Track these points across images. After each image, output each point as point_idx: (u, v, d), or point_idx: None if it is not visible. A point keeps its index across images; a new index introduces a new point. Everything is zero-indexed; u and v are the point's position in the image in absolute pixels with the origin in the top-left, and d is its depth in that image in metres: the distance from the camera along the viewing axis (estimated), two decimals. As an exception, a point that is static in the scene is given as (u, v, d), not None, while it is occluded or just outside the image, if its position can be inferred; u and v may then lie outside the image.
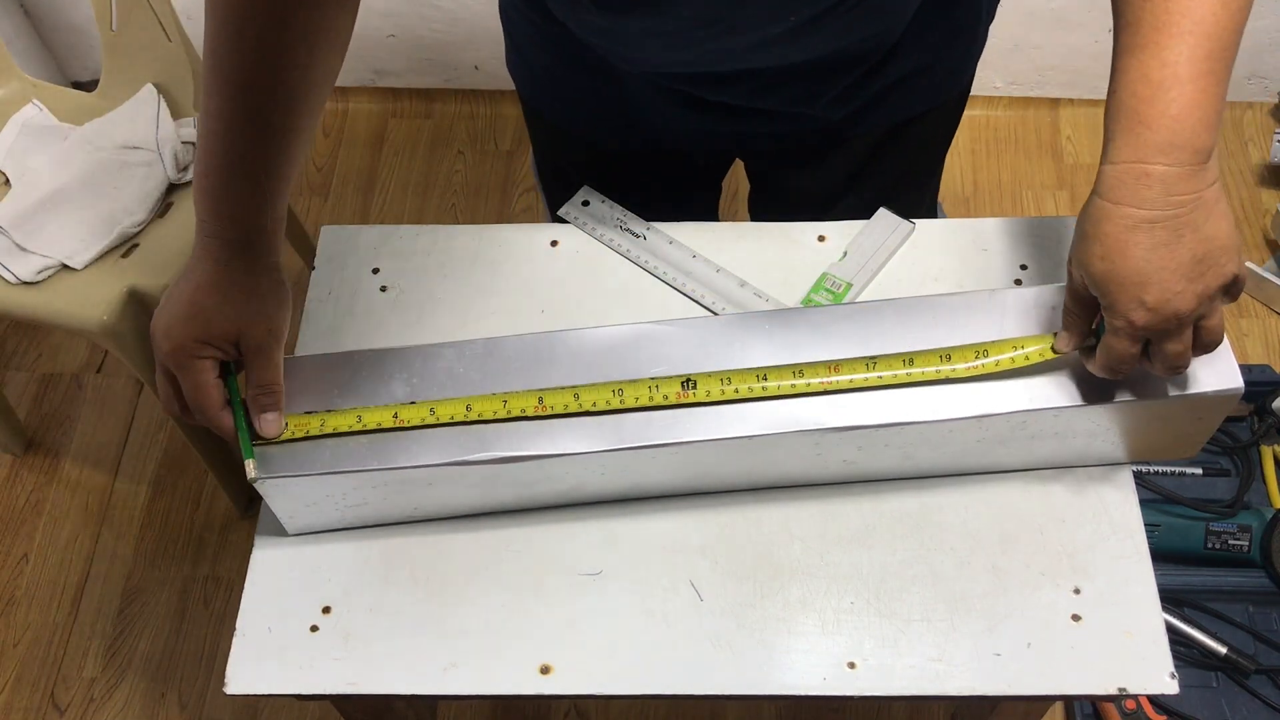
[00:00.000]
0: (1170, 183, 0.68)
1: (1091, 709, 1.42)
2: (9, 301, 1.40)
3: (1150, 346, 0.73)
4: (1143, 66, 0.68)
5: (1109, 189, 0.70)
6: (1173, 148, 0.68)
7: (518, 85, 1.07)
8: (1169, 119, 0.68)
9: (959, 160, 2.03)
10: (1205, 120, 0.68)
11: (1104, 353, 0.73)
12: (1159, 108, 0.68)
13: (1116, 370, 0.74)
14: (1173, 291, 0.69)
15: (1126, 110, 0.69)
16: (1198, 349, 0.73)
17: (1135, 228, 0.68)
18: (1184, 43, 0.67)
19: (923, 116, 1.04)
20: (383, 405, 0.80)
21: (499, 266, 0.98)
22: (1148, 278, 0.68)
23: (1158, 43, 0.68)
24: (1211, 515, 1.44)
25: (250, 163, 0.77)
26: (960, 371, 0.78)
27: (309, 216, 1.99)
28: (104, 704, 1.54)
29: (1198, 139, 0.68)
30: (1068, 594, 0.81)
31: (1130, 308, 0.70)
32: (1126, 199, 0.69)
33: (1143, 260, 0.68)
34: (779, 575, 0.83)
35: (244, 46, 0.74)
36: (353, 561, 0.84)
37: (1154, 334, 0.71)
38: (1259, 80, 2.02)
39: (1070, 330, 0.77)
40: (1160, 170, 0.68)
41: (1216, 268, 0.69)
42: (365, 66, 2.09)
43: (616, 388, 0.79)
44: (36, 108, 1.57)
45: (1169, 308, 0.69)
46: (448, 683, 0.80)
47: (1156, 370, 0.74)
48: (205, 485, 1.71)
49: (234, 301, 0.77)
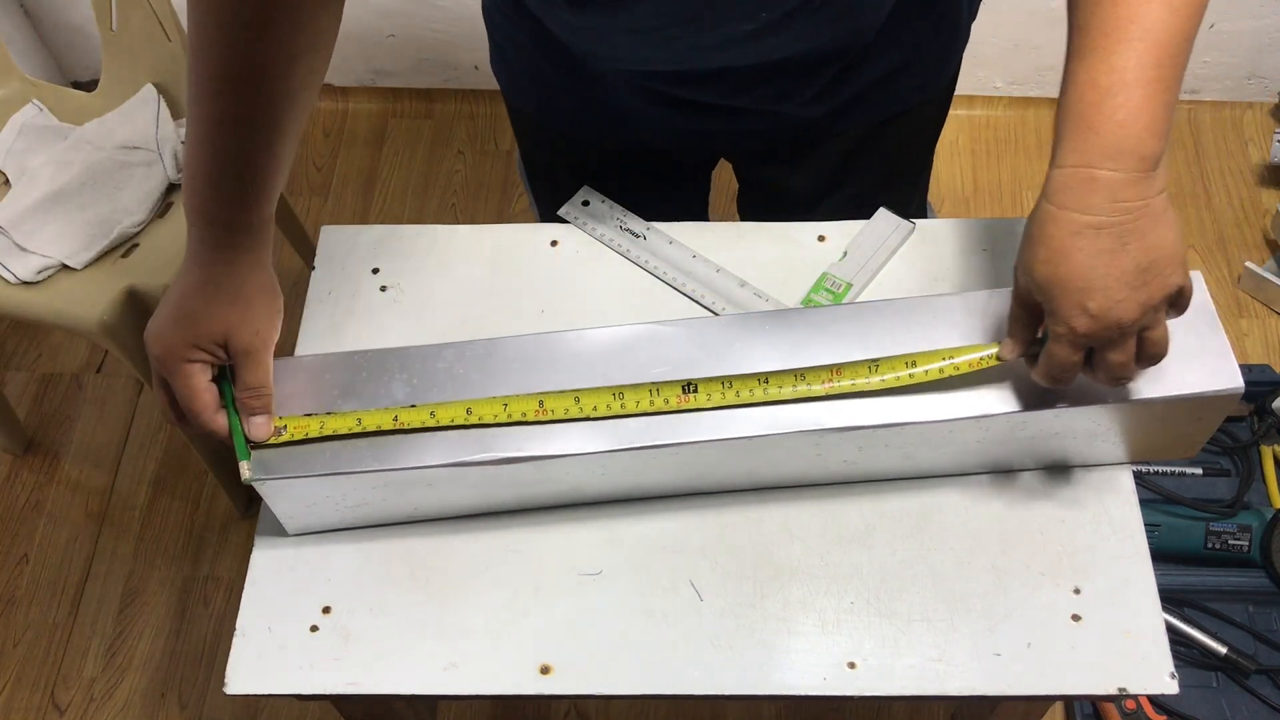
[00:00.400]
0: (1116, 188, 0.67)
1: (1091, 709, 1.42)
2: (9, 301, 1.40)
3: (1093, 355, 0.72)
4: (1091, 71, 0.68)
5: (1055, 193, 0.69)
6: (1119, 153, 0.67)
7: (501, 85, 1.08)
8: (1115, 124, 0.67)
9: (959, 160, 2.03)
10: (1152, 127, 0.67)
11: (1046, 360, 0.73)
12: (1106, 113, 0.67)
13: (1058, 379, 0.73)
14: (1115, 299, 0.68)
15: (1074, 114, 0.69)
16: (1142, 361, 0.72)
17: (1080, 233, 0.68)
18: (1133, 49, 0.67)
19: (906, 114, 1.04)
20: (383, 408, 0.80)
21: (499, 266, 0.98)
22: (1091, 284, 0.68)
23: (1106, 48, 0.68)
24: (1211, 515, 1.44)
25: (235, 163, 0.76)
26: (962, 367, 0.78)
27: (309, 216, 1.99)
28: (104, 704, 1.54)
29: (1144, 145, 0.67)
30: (1068, 594, 0.81)
31: (1072, 314, 0.69)
32: (1072, 203, 0.68)
33: (1086, 266, 0.68)
34: (779, 575, 0.83)
35: (226, 46, 0.74)
36: (353, 561, 0.84)
37: (1096, 342, 0.70)
38: (1259, 80, 2.03)
39: (1015, 337, 0.76)
40: (1106, 175, 0.67)
41: (1161, 278, 0.69)
42: (365, 66, 2.09)
43: (617, 392, 0.79)
44: (36, 108, 1.57)
45: (1111, 315, 0.68)
46: (448, 683, 0.80)
47: (1099, 380, 0.73)
48: (205, 485, 1.71)
49: (220, 304, 0.77)
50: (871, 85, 0.97)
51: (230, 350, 0.77)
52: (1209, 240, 1.92)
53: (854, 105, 0.99)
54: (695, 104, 0.96)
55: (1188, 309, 0.72)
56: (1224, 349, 0.79)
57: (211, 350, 0.77)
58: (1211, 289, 0.82)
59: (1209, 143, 2.03)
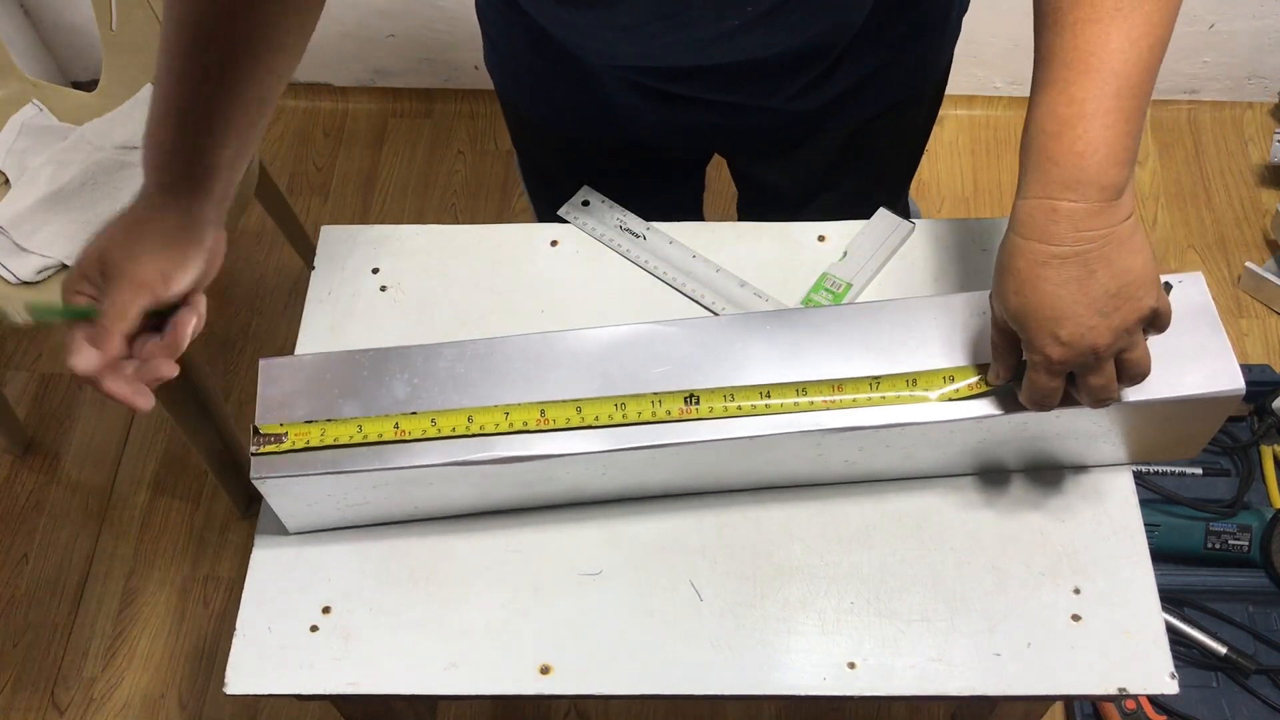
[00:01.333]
0: (1078, 219, 0.68)
1: (1091, 709, 1.42)
2: (9, 301, 1.40)
3: (1074, 379, 0.73)
4: (1051, 103, 0.69)
5: (1021, 224, 0.70)
6: (1079, 184, 0.68)
7: (495, 81, 1.08)
8: (1074, 155, 0.68)
9: (959, 160, 2.03)
10: (1113, 157, 0.68)
11: (1027, 388, 0.74)
12: (1065, 144, 0.68)
13: (1041, 404, 0.74)
14: (1086, 326, 0.69)
15: (1036, 146, 0.69)
16: (1124, 381, 0.73)
17: (1045, 263, 0.69)
18: (1091, 80, 0.68)
19: (896, 109, 1.04)
20: (384, 415, 0.79)
21: (499, 266, 0.98)
22: (1060, 312, 0.69)
23: (1066, 79, 0.68)
24: (1211, 515, 1.44)
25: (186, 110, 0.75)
26: (962, 391, 0.78)
27: (309, 216, 1.99)
28: (104, 704, 1.54)
29: (1105, 175, 0.68)
30: (1068, 594, 0.81)
31: (1045, 342, 0.70)
32: (1037, 234, 0.69)
33: (1054, 295, 0.69)
34: (779, 575, 0.83)
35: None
36: (353, 561, 0.84)
37: (1073, 368, 0.71)
38: (1259, 80, 2.02)
39: (999, 363, 0.77)
40: (1067, 207, 0.68)
41: (1133, 302, 0.69)
42: (365, 66, 2.09)
43: (619, 402, 0.79)
44: (36, 108, 1.57)
45: (1084, 342, 0.69)
46: (448, 683, 0.80)
47: (1084, 402, 0.74)
48: (205, 485, 1.71)
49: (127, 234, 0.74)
50: (860, 82, 0.98)
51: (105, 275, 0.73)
52: (1209, 240, 1.92)
53: (843, 101, 0.99)
54: (683, 99, 0.97)
55: (1169, 327, 0.73)
56: (1225, 350, 0.79)
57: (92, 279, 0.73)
58: (1211, 289, 0.82)
59: (1209, 143, 2.03)
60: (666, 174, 1.15)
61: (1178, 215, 1.95)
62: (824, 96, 0.98)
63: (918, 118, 1.10)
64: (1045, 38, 0.70)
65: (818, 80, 0.95)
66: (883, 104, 1.02)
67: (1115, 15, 0.67)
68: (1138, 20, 0.67)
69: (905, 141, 1.12)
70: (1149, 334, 0.72)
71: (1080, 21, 0.68)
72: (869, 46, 0.95)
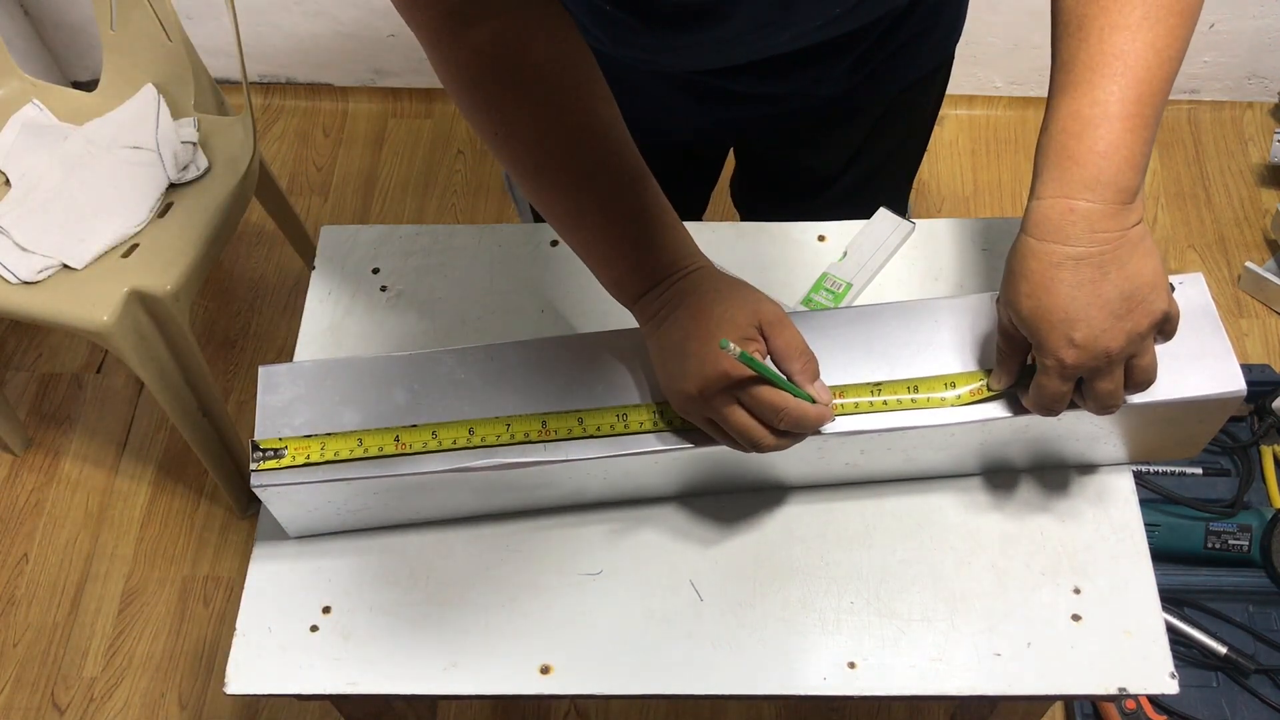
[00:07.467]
0: (1094, 220, 0.68)
1: (1091, 709, 1.42)
2: (9, 301, 1.40)
3: (1082, 385, 0.73)
4: (1074, 104, 0.69)
5: (1035, 225, 0.70)
6: (1098, 184, 0.68)
7: None
8: (1096, 155, 0.68)
9: (959, 160, 2.03)
10: (1130, 160, 0.68)
11: (1036, 392, 0.74)
12: (1087, 144, 0.68)
13: (1049, 409, 0.74)
14: (1100, 329, 0.69)
15: (1056, 145, 0.70)
16: (1130, 388, 0.73)
17: (1060, 264, 0.69)
18: (1116, 83, 0.68)
19: (914, 86, 1.05)
20: (384, 428, 0.79)
21: (499, 266, 0.98)
22: (1075, 315, 0.69)
23: (1090, 82, 0.69)
24: (1211, 515, 1.44)
25: (643, 216, 0.76)
26: (964, 397, 0.78)
27: (309, 216, 1.99)
28: (104, 704, 1.54)
29: (1122, 177, 0.68)
30: (1068, 594, 0.81)
31: (1059, 346, 0.70)
32: (1052, 235, 0.69)
33: (1068, 298, 0.69)
34: (779, 575, 0.83)
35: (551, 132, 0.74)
36: (353, 561, 0.84)
37: (1085, 372, 0.71)
38: (1259, 80, 2.02)
39: (1004, 368, 0.77)
40: (1085, 206, 0.68)
41: (1145, 305, 0.69)
42: (365, 66, 2.09)
43: (621, 412, 0.79)
44: (36, 108, 1.57)
45: (1098, 345, 0.69)
46: (448, 683, 0.80)
47: (1090, 409, 0.74)
48: (205, 485, 1.71)
49: (733, 301, 0.74)
50: (893, 55, 0.99)
51: (763, 323, 0.74)
52: (1209, 240, 1.92)
53: (874, 79, 1.00)
54: (726, 92, 0.97)
55: (1176, 332, 0.72)
56: (1226, 351, 0.79)
57: (750, 334, 0.73)
58: (1211, 289, 0.82)
59: (1209, 143, 2.03)
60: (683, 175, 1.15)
61: (1178, 215, 1.95)
62: (863, 74, 0.98)
63: (930, 95, 1.11)
64: (1068, 43, 0.71)
65: (862, 58, 0.96)
66: (907, 78, 1.03)
67: (1143, 24, 0.68)
68: (1162, 31, 0.68)
69: (918, 122, 1.13)
70: (1158, 340, 0.72)
71: (1108, 28, 0.69)
72: (910, 18, 0.96)
